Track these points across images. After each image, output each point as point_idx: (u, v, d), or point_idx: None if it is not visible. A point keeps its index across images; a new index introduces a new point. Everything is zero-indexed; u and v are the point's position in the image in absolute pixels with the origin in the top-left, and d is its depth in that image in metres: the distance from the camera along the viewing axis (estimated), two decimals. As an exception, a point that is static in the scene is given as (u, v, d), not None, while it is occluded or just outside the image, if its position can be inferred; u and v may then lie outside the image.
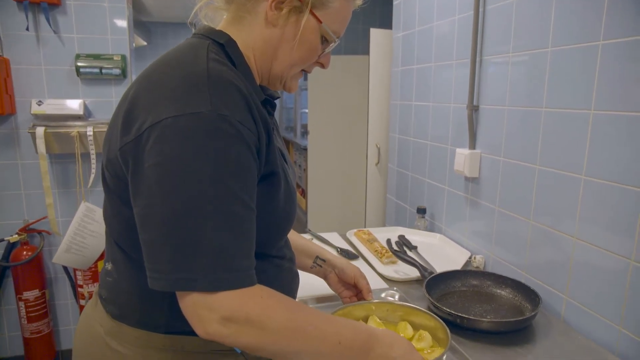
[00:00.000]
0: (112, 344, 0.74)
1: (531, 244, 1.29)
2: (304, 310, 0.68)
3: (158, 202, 0.60)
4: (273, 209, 0.74)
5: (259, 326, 0.62)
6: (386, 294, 1.24)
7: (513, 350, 1.01)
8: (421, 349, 0.95)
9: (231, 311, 0.61)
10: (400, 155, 2.17)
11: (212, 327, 0.60)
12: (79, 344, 0.81)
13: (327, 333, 0.68)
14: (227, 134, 0.61)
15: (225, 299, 0.60)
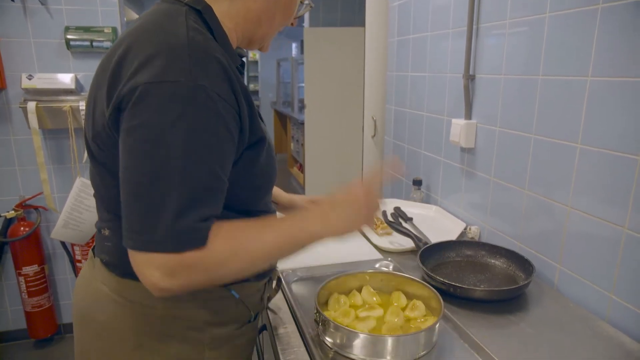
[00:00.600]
0: (120, 300, 0.78)
1: (526, 214, 1.29)
2: (242, 229, 0.71)
3: (131, 166, 0.64)
4: (259, 171, 0.77)
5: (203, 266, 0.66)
6: (380, 264, 1.25)
7: (506, 318, 1.02)
8: (414, 318, 0.96)
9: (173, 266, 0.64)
10: (396, 127, 2.16)
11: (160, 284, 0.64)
12: (83, 304, 0.84)
13: (271, 236, 0.73)
14: (204, 104, 0.63)
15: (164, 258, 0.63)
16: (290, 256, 0.78)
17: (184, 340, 0.80)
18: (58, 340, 2.54)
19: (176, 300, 0.77)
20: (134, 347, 0.79)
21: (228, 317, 0.85)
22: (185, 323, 0.80)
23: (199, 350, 0.81)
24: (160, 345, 0.79)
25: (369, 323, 0.92)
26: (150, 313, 0.78)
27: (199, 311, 0.81)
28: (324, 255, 1.30)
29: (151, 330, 0.79)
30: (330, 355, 0.87)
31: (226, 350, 0.85)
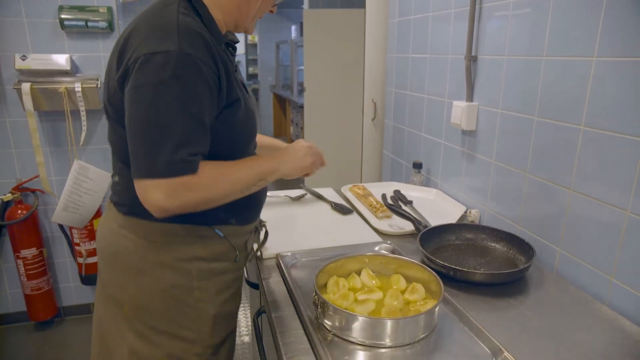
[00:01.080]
0: (125, 234, 0.98)
1: (527, 197, 1.27)
2: (221, 164, 0.92)
3: (135, 115, 0.83)
4: (236, 128, 0.96)
5: (196, 186, 0.85)
6: (380, 247, 1.24)
7: (505, 301, 1.02)
8: (414, 301, 0.96)
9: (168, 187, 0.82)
10: (396, 109, 2.13)
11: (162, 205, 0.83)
12: (102, 240, 1.04)
13: (244, 167, 0.96)
14: (189, 67, 0.82)
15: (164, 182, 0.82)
16: (260, 186, 1.00)
17: (175, 270, 0.97)
18: (59, 322, 2.55)
19: (170, 237, 0.96)
20: (137, 273, 0.97)
21: (213, 254, 1.01)
22: (176, 255, 0.97)
23: (189, 279, 0.98)
24: (157, 272, 0.97)
25: (368, 306, 0.92)
26: (148, 246, 0.96)
27: (188, 246, 0.98)
28: (323, 238, 1.29)
29: (149, 260, 0.97)
30: (329, 338, 0.86)
31: (213, 282, 1.02)
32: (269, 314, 0.96)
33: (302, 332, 0.88)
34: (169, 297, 0.98)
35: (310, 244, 1.24)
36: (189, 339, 1.01)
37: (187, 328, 1.00)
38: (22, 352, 2.33)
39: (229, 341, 1.12)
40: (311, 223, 1.43)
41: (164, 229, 0.96)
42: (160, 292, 0.97)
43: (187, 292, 0.99)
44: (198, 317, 1.01)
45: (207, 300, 1.01)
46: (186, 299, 0.99)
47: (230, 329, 1.11)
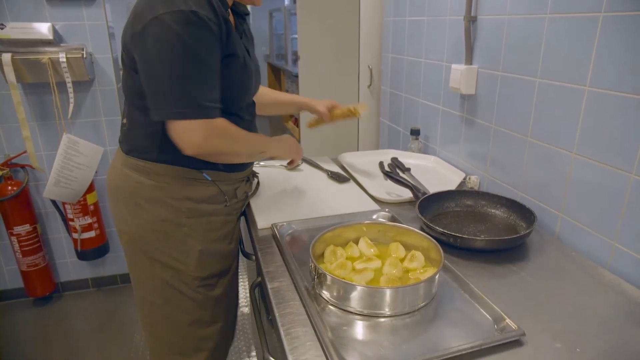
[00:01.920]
0: (126, 171, 1.11)
1: (528, 162, 1.24)
2: (241, 129, 1.08)
3: (156, 65, 0.94)
4: (233, 80, 1.06)
5: (225, 137, 1.03)
6: (378, 215, 1.21)
7: (506, 267, 1.00)
8: (414, 269, 0.93)
9: (207, 131, 0.98)
10: (393, 75, 2.07)
11: (197, 144, 0.98)
12: (109, 175, 1.19)
13: (255, 137, 1.16)
14: (197, 23, 0.93)
15: (204, 127, 0.98)
16: (257, 157, 1.18)
17: (167, 206, 1.10)
18: (57, 298, 2.55)
19: (164, 177, 1.09)
20: (134, 205, 1.11)
21: (202, 196, 1.12)
22: (168, 194, 1.09)
23: (178, 215, 1.11)
24: (150, 206, 1.10)
25: (366, 275, 0.90)
26: (145, 183, 1.09)
27: (180, 187, 1.10)
28: (320, 207, 1.26)
29: (145, 195, 1.09)
30: (327, 308, 0.84)
31: (201, 221, 1.14)
32: (265, 286, 0.94)
33: (299, 303, 0.85)
34: (159, 229, 1.11)
35: (306, 214, 1.21)
36: (176, 268, 1.14)
37: (175, 259, 1.13)
38: (22, 327, 2.33)
39: (224, 279, 1.24)
40: (307, 192, 1.39)
41: (159, 169, 1.08)
42: (153, 225, 1.10)
43: (176, 227, 1.11)
44: (185, 250, 1.13)
45: (194, 236, 1.13)
46: (175, 233, 1.11)
47: (223, 268, 1.22)
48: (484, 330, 0.79)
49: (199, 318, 1.20)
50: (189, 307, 1.18)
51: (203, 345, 1.24)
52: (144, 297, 1.20)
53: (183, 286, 1.15)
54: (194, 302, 1.18)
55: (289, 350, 0.73)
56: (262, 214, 1.22)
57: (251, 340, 2.16)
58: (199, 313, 1.20)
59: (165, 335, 1.21)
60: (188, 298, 1.17)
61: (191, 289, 1.16)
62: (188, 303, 1.17)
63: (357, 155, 1.74)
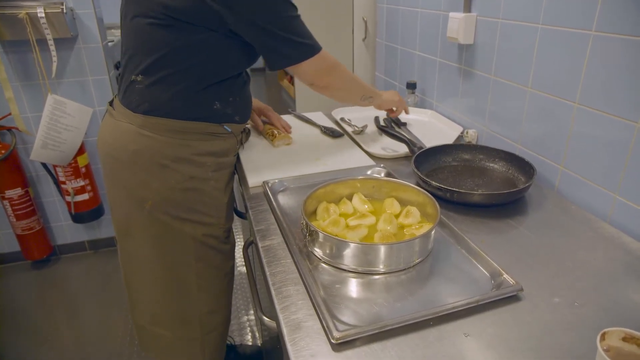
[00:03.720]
0: (146, 132, 1.05)
1: (528, 114, 1.19)
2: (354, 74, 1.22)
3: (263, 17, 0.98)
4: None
5: (338, 74, 1.17)
6: (372, 171, 1.17)
7: (505, 222, 0.97)
8: (409, 225, 0.91)
9: (323, 65, 1.11)
10: (388, 27, 1.98)
11: (322, 77, 1.14)
12: (116, 141, 1.08)
13: (361, 82, 1.27)
14: None
15: (317, 63, 1.08)
16: (363, 102, 1.31)
17: (193, 163, 1.08)
18: (55, 261, 2.55)
19: (187, 134, 1.06)
20: (159, 166, 1.06)
21: (222, 149, 1.13)
22: (193, 150, 1.07)
23: (204, 170, 1.10)
24: (177, 165, 1.07)
25: (360, 232, 0.87)
26: (168, 142, 1.05)
27: (202, 142, 1.09)
28: (313, 163, 1.23)
29: (170, 154, 1.06)
30: (319, 266, 0.82)
31: (224, 174, 1.16)
32: (256, 244, 0.91)
33: (291, 262, 0.83)
34: (189, 187, 1.09)
35: (299, 170, 1.17)
36: (208, 223, 1.14)
37: (206, 214, 1.13)
38: (21, 290, 2.34)
39: (232, 228, 1.27)
40: (300, 148, 1.35)
41: (185, 126, 1.06)
42: (182, 183, 1.08)
43: (204, 182, 1.11)
44: (215, 204, 1.14)
45: (220, 189, 1.15)
46: (204, 188, 1.11)
47: (233, 216, 1.26)
48: (481, 286, 0.77)
49: (226, 271, 1.24)
50: (219, 261, 1.21)
51: (227, 300, 1.29)
52: (175, 263, 1.15)
53: (214, 241, 1.17)
54: (223, 255, 1.22)
55: (280, 310, 0.71)
56: (252, 171, 1.19)
57: (249, 299, 2.17)
58: (228, 264, 1.25)
59: (198, 295, 1.20)
60: (218, 252, 1.20)
61: (220, 241, 1.19)
62: (218, 257, 1.20)
63: (351, 111, 1.69)
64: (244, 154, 1.30)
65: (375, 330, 0.65)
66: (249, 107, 1.21)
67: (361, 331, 0.65)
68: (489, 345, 0.65)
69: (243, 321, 2.03)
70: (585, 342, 0.65)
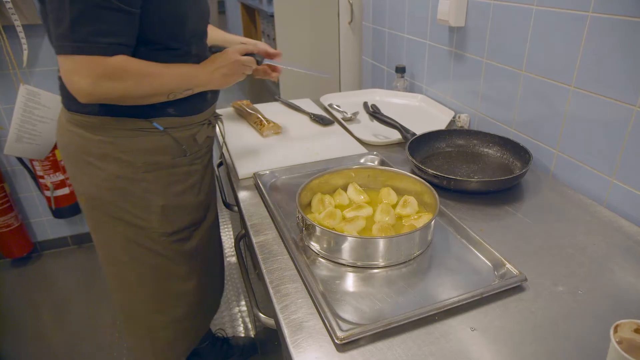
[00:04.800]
0: (71, 128, 1.00)
1: (522, 97, 1.17)
2: (151, 63, 0.92)
3: None
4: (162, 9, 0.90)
5: (122, 78, 0.87)
6: (365, 159, 1.14)
7: (502, 209, 0.95)
8: (407, 215, 0.88)
9: (94, 73, 0.84)
10: (375, 10, 1.94)
11: (87, 89, 0.85)
12: (57, 135, 1.06)
13: (172, 71, 0.96)
14: None
15: (87, 63, 0.84)
16: (186, 94, 1.00)
17: (119, 162, 1.00)
18: (36, 258, 2.47)
19: (111, 130, 0.97)
20: (85, 163, 1.01)
21: (157, 147, 1.02)
22: (118, 148, 0.99)
23: (133, 170, 1.01)
24: (102, 163, 1.00)
25: (357, 224, 0.84)
26: (92, 138, 0.98)
27: (130, 139, 0.99)
28: (304, 153, 1.19)
29: (94, 152, 0.99)
30: (317, 261, 0.79)
31: (161, 175, 1.05)
32: (250, 240, 0.88)
33: (288, 257, 0.80)
34: (116, 187, 1.02)
35: (289, 160, 1.14)
36: (140, 226, 1.06)
37: (137, 216, 1.05)
38: (3, 289, 2.27)
39: (199, 231, 1.17)
40: (289, 137, 1.31)
41: (103, 122, 0.97)
42: (108, 183, 1.01)
43: (133, 183, 1.02)
44: (146, 206, 1.05)
45: (154, 191, 1.05)
46: (133, 189, 1.03)
47: (194, 220, 1.15)
48: (483, 277, 0.75)
49: (172, 273, 1.15)
50: (159, 263, 1.12)
51: (180, 301, 1.20)
52: (111, 258, 1.12)
53: (150, 242, 1.09)
54: (163, 258, 1.12)
55: (280, 309, 0.68)
56: (241, 162, 1.15)
57: (240, 290, 2.15)
58: (172, 268, 1.14)
59: (137, 294, 1.16)
60: (157, 254, 1.11)
61: (159, 244, 1.10)
62: (157, 259, 1.11)
63: (340, 96, 1.65)
64: (232, 144, 1.25)
65: (380, 328, 0.63)
66: (197, 96, 1.04)
67: (365, 330, 0.62)
68: (496, 339, 0.63)
69: (234, 312, 2.00)
70: (592, 331, 0.64)
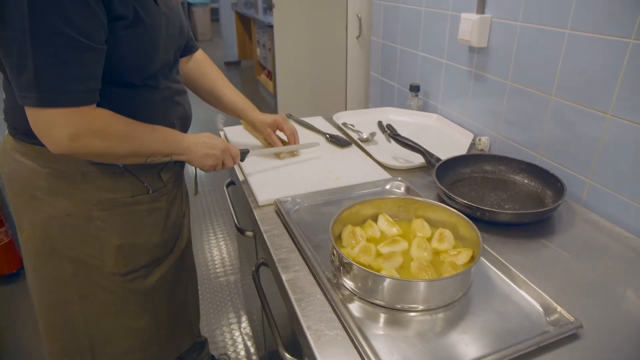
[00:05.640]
0: (17, 157, 0.91)
1: (550, 122, 1.13)
2: (136, 123, 0.87)
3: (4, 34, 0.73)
4: (128, 45, 0.83)
5: (104, 136, 0.82)
6: (391, 185, 1.09)
7: (537, 242, 0.91)
8: (444, 251, 0.83)
9: (77, 127, 0.78)
10: (386, 25, 1.90)
11: (63, 143, 0.78)
12: (0, 163, 0.98)
13: (156, 135, 0.91)
14: None
15: (70, 116, 0.77)
16: (163, 161, 0.95)
17: (70, 197, 0.91)
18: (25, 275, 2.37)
19: (58, 163, 0.88)
20: (31, 197, 0.92)
21: (116, 183, 0.94)
22: (69, 183, 0.90)
23: (86, 207, 0.92)
24: (49, 198, 0.91)
25: (395, 261, 0.79)
26: (40, 171, 0.89)
27: (81, 175, 0.90)
28: (324, 177, 1.13)
29: (42, 185, 0.90)
30: (354, 301, 0.73)
31: (118, 213, 0.95)
32: (278, 276, 0.82)
33: (323, 298, 0.74)
34: (65, 224, 0.93)
35: (311, 186, 1.08)
36: (90, 264, 0.97)
37: (89, 255, 0.96)
38: (-10, 306, 2.16)
39: (160, 267, 1.07)
40: (307, 159, 1.25)
41: (54, 155, 0.85)
42: (56, 220, 0.92)
43: (85, 221, 0.93)
44: (100, 246, 0.96)
45: (110, 231, 0.96)
46: (85, 227, 0.94)
47: (154, 259, 1.05)
48: (534, 322, 0.70)
49: (123, 311, 1.04)
50: (108, 300, 1.01)
51: (129, 335, 1.08)
52: (54, 299, 1.00)
53: (102, 280, 0.99)
54: (114, 295, 1.01)
55: None
56: (259, 186, 1.08)
57: (242, 311, 2.07)
58: (123, 306, 1.03)
59: (82, 330, 1.03)
60: (109, 292, 1.00)
61: (112, 283, 1.00)
62: (109, 296, 1.01)
63: (352, 114, 1.61)
64: (246, 165, 1.19)
65: (436, 385, 0.58)
66: None
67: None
68: (562, 397, 0.58)
69: (236, 336, 1.93)
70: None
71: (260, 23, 5.32)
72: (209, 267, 2.37)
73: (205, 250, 2.51)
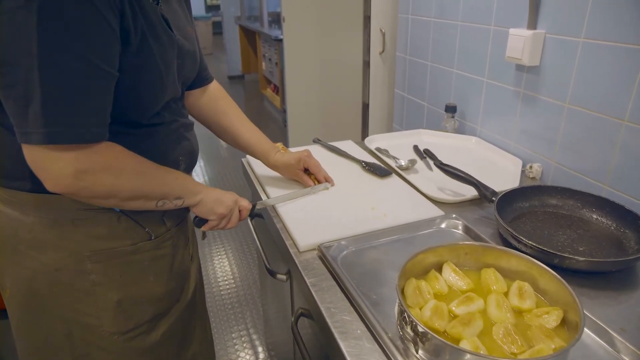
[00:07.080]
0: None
1: (621, 150, 1.01)
2: (147, 161, 0.78)
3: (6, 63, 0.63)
4: (131, 77, 0.73)
5: (115, 173, 0.73)
6: (447, 223, 0.97)
7: (623, 294, 0.79)
8: (528, 310, 0.70)
9: (85, 162, 0.69)
10: (414, 41, 1.79)
11: (67, 180, 0.68)
12: None
13: (169, 175, 0.82)
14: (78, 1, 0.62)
15: (78, 153, 0.68)
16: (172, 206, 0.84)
17: (59, 250, 0.80)
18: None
19: (49, 210, 0.78)
20: (13, 251, 0.81)
21: (111, 230, 0.83)
22: (59, 234, 0.79)
23: (78, 261, 0.81)
24: (35, 252, 0.80)
25: (475, 326, 0.66)
26: (21, 219, 0.79)
27: (72, 224, 0.79)
28: (368, 214, 1.01)
29: (25, 237, 0.79)
30: (431, 379, 0.61)
31: (117, 264, 0.84)
32: (333, 339, 0.69)
33: (394, 375, 0.61)
34: (54, 281, 0.81)
35: (356, 226, 0.95)
36: (86, 323, 0.85)
37: (83, 313, 0.84)
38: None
39: (166, 319, 0.94)
40: (344, 193, 1.12)
41: (41, 201, 0.77)
42: (42, 276, 0.81)
43: (78, 275, 0.82)
44: (96, 303, 0.84)
45: (107, 285, 0.84)
46: (78, 283, 0.82)
47: (159, 312, 0.92)
48: (658, 408, 0.57)
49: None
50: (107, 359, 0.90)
51: None
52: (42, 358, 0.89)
53: (99, 340, 0.87)
54: (113, 356, 0.89)
55: None
56: (297, 228, 0.95)
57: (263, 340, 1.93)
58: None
59: None
60: (106, 352, 0.88)
61: (111, 344, 0.88)
62: (105, 357, 0.89)
63: (385, 138, 1.49)
64: (281, 206, 1.06)
65: None
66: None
67: None
68: None
69: (254, 373, 1.79)
70: None
71: (266, 37, 5.24)
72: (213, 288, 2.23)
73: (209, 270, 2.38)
